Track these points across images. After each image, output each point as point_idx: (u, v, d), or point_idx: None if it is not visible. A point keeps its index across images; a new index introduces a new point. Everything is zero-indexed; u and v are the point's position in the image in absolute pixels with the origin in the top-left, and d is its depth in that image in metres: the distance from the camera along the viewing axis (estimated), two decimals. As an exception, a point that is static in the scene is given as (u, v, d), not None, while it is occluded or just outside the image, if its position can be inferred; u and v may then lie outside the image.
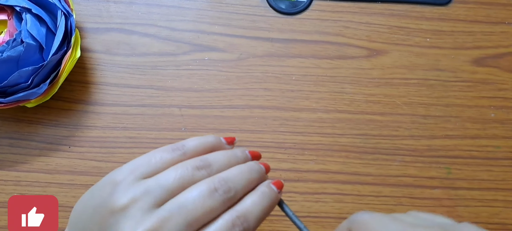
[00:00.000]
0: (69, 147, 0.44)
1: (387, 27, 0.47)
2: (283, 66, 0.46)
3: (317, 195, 0.43)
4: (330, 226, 0.42)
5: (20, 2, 0.39)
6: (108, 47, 0.46)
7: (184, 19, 0.47)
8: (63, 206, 0.42)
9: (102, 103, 0.44)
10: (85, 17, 0.46)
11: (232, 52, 0.46)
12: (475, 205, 0.43)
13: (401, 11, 0.47)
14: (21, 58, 0.38)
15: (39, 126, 0.44)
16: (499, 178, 0.44)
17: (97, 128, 0.44)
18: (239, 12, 0.47)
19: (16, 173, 0.43)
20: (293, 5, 0.47)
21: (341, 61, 0.46)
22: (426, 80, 0.45)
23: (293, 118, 0.44)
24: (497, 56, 0.46)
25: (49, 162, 0.43)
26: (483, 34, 0.47)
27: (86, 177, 0.43)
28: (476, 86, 0.46)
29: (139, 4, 0.47)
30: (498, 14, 0.47)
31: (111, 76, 0.45)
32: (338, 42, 0.46)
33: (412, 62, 0.46)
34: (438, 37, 0.47)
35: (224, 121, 0.44)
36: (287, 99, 0.45)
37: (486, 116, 0.45)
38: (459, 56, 0.46)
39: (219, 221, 0.22)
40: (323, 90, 0.45)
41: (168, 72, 0.45)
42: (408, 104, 0.45)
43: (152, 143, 0.44)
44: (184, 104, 0.45)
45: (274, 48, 0.46)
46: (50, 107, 0.44)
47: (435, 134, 0.44)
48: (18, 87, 0.39)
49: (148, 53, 0.46)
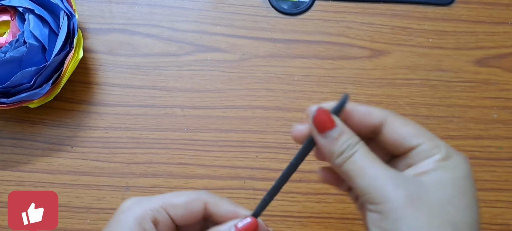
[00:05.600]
0: (72, 147, 0.44)
1: (389, 28, 0.47)
2: (285, 67, 0.46)
3: (320, 196, 0.43)
4: (332, 227, 0.42)
5: (23, 3, 0.40)
6: (111, 47, 0.46)
7: (186, 20, 0.47)
8: (65, 206, 0.42)
9: (104, 103, 0.45)
10: (88, 17, 0.46)
11: (234, 53, 0.46)
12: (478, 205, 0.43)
13: (403, 12, 0.47)
14: (24, 58, 0.38)
15: (41, 126, 0.44)
16: (502, 179, 0.43)
17: (100, 128, 0.44)
18: (241, 13, 0.47)
19: (19, 173, 0.43)
20: (295, 6, 0.47)
21: (343, 61, 0.46)
22: (428, 80, 0.45)
23: (295, 118, 0.44)
24: (499, 57, 0.46)
25: (52, 162, 0.43)
26: (485, 35, 0.47)
27: (89, 177, 0.43)
28: (478, 87, 0.45)
29: (141, 4, 0.47)
30: (501, 14, 0.47)
31: (113, 76, 0.45)
32: (340, 43, 0.46)
33: (414, 63, 0.46)
34: (441, 38, 0.47)
35: (226, 121, 0.44)
36: (289, 99, 0.45)
37: (489, 116, 0.45)
38: (461, 56, 0.46)
39: None
40: (326, 90, 0.45)
41: (170, 73, 0.45)
42: (410, 104, 0.45)
43: (155, 143, 0.44)
44: (186, 104, 0.45)
45: (276, 48, 0.46)
46: (52, 108, 0.44)
47: (437, 134, 0.43)
48: (21, 88, 0.39)
49: (151, 53, 0.46)
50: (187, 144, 0.44)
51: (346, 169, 0.24)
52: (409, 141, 0.24)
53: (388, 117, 0.25)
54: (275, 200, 0.42)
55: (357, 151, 0.24)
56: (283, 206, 0.42)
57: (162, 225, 0.27)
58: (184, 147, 0.44)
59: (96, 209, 0.42)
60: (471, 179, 0.24)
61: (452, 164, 0.24)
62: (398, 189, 0.22)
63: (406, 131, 0.25)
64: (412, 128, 0.25)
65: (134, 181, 0.43)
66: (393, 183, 0.23)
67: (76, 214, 0.42)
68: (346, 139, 0.24)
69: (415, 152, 0.24)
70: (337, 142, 0.24)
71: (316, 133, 0.25)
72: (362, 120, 0.25)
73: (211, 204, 0.27)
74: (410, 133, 0.25)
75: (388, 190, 0.22)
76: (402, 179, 0.23)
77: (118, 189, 0.43)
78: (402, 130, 0.25)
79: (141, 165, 0.43)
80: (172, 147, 0.44)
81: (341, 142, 0.24)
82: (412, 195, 0.22)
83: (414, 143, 0.24)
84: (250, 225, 0.27)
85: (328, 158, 0.25)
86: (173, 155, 0.43)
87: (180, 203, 0.27)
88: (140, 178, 0.43)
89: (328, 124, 0.24)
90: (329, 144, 0.24)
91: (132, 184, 0.43)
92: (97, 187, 0.43)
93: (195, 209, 0.27)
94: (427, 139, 0.24)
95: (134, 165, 0.43)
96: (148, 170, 0.43)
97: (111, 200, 0.43)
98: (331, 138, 0.24)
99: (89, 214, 0.42)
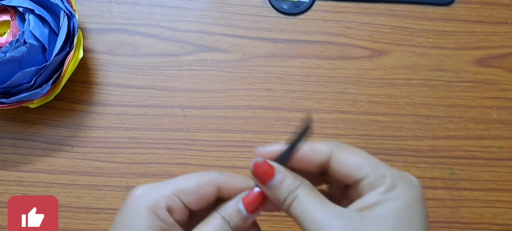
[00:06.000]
0: (72, 147, 0.44)
1: (389, 28, 0.47)
2: (286, 67, 0.46)
3: (320, 196, 0.43)
4: (332, 227, 0.42)
5: (23, 3, 0.40)
6: (111, 47, 0.46)
7: (187, 20, 0.47)
8: (65, 206, 0.42)
9: (104, 103, 0.45)
10: (88, 17, 0.46)
11: (235, 53, 0.46)
12: (479, 206, 0.43)
13: (403, 12, 0.47)
14: (24, 58, 0.38)
15: (42, 126, 0.44)
16: (503, 179, 0.43)
17: (100, 128, 0.44)
18: (241, 13, 0.47)
19: (19, 173, 0.43)
20: (295, 6, 0.47)
21: (344, 61, 0.46)
22: (428, 80, 0.45)
23: (295, 118, 0.44)
24: (500, 57, 0.46)
25: (52, 162, 0.43)
26: (485, 35, 0.47)
27: (89, 177, 0.43)
28: (479, 87, 0.45)
29: (141, 4, 0.47)
30: (501, 14, 0.47)
31: (113, 76, 0.45)
32: (341, 43, 0.46)
33: (414, 63, 0.46)
34: (441, 38, 0.47)
35: (227, 121, 0.44)
36: (290, 99, 0.45)
37: (489, 116, 0.45)
38: (461, 56, 0.46)
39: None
40: (326, 90, 0.45)
41: (170, 73, 0.45)
42: (410, 104, 0.45)
43: (155, 143, 0.44)
44: (186, 104, 0.45)
45: (277, 48, 0.46)
46: (53, 108, 0.44)
47: (438, 134, 0.44)
48: (21, 88, 0.39)
49: (151, 53, 0.46)
50: (187, 144, 0.44)
51: (293, 214, 0.24)
52: (355, 173, 0.24)
53: (333, 150, 0.25)
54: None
55: (299, 195, 0.24)
56: (283, 206, 0.42)
57: (177, 212, 0.26)
58: (185, 147, 0.44)
59: (96, 209, 0.42)
60: (418, 206, 0.24)
61: (395, 194, 0.23)
62: (339, 229, 0.22)
63: (352, 163, 0.25)
64: (358, 158, 0.25)
65: (135, 181, 0.43)
66: (335, 225, 0.23)
67: (77, 214, 0.42)
68: (288, 185, 0.24)
69: (362, 184, 0.24)
70: (280, 190, 0.24)
71: (260, 185, 0.25)
72: (308, 159, 0.25)
73: (222, 183, 0.26)
74: (356, 165, 0.24)
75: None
76: (343, 217, 0.23)
77: (118, 189, 0.43)
78: (348, 162, 0.25)
79: (141, 165, 0.43)
80: (172, 147, 0.44)
81: (283, 188, 0.24)
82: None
83: (359, 175, 0.24)
84: (255, 196, 0.26)
85: (278, 206, 0.25)
86: (173, 155, 0.43)
87: (192, 188, 0.26)
88: (141, 178, 0.43)
89: (268, 175, 0.25)
90: (272, 193, 0.25)
91: (133, 184, 0.43)
92: (97, 187, 0.43)
93: (208, 193, 0.26)
94: (373, 169, 0.24)
95: (134, 165, 0.43)
96: (148, 170, 0.43)
97: (111, 200, 0.42)
98: (273, 187, 0.25)
99: (89, 214, 0.42)
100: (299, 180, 0.25)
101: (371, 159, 0.25)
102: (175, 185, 0.26)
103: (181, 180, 0.26)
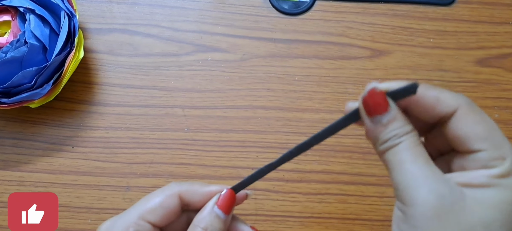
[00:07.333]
0: (72, 147, 0.44)
1: (390, 28, 0.47)
2: (286, 67, 0.46)
3: (320, 196, 0.43)
4: (333, 227, 0.42)
5: (24, 3, 0.40)
6: (111, 47, 0.46)
7: (187, 20, 0.47)
8: (66, 206, 0.42)
9: (105, 103, 0.45)
10: (88, 17, 0.46)
11: (235, 53, 0.46)
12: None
13: (404, 12, 0.47)
14: (24, 58, 0.38)
15: (42, 126, 0.44)
16: (503, 179, 0.43)
17: (100, 128, 0.44)
18: (242, 13, 0.47)
19: (20, 173, 0.43)
20: (296, 6, 0.47)
21: (344, 61, 0.46)
22: (429, 80, 0.45)
23: (296, 118, 0.44)
24: (500, 57, 0.46)
25: (53, 162, 0.43)
26: (486, 35, 0.47)
27: (89, 177, 0.43)
28: (480, 87, 0.45)
29: (142, 4, 0.47)
30: (502, 14, 0.47)
31: (114, 76, 0.45)
32: (341, 43, 0.46)
33: (415, 63, 0.46)
34: (442, 38, 0.46)
35: (227, 121, 0.44)
36: (290, 99, 0.45)
37: (490, 116, 0.44)
38: (462, 56, 0.46)
39: None
40: (326, 90, 0.45)
41: (171, 73, 0.45)
42: (411, 104, 0.45)
43: (155, 143, 0.44)
44: (187, 104, 0.45)
45: (277, 48, 0.46)
46: (53, 108, 0.44)
47: (438, 134, 0.44)
48: (21, 88, 0.39)
49: (151, 53, 0.46)
50: (188, 144, 0.44)
51: (387, 159, 0.22)
52: (470, 144, 0.21)
53: (460, 108, 0.22)
54: (276, 200, 0.43)
55: (402, 142, 0.21)
56: (284, 206, 0.42)
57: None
58: (185, 147, 0.44)
59: (97, 209, 0.42)
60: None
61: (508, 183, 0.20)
62: (431, 195, 0.20)
63: (473, 130, 0.21)
64: (483, 128, 0.21)
65: (135, 181, 0.43)
66: (428, 188, 0.20)
67: (77, 214, 0.42)
68: (396, 127, 0.21)
69: (473, 157, 0.21)
70: (384, 129, 0.22)
71: (364, 114, 0.23)
72: (428, 107, 0.22)
73: (183, 192, 0.26)
74: (476, 135, 0.21)
75: (419, 193, 0.20)
76: (441, 184, 0.20)
77: (119, 189, 0.43)
78: (469, 128, 0.21)
79: (142, 165, 0.43)
80: (173, 147, 0.44)
81: (388, 129, 0.21)
82: (443, 207, 0.19)
83: (475, 147, 0.21)
84: (228, 196, 0.26)
85: (372, 142, 0.23)
86: (174, 155, 0.43)
87: (155, 206, 0.26)
88: (141, 178, 0.43)
89: (379, 108, 0.22)
90: (375, 129, 0.22)
91: (133, 184, 0.43)
92: (98, 187, 0.43)
93: (172, 205, 0.26)
94: (494, 146, 0.21)
95: (135, 165, 0.43)
96: (149, 170, 0.43)
97: (112, 200, 0.43)
98: (379, 124, 0.22)
99: (90, 214, 0.42)
100: (409, 126, 0.22)
101: (497, 134, 0.21)
102: (138, 209, 0.26)
103: (142, 202, 0.27)
